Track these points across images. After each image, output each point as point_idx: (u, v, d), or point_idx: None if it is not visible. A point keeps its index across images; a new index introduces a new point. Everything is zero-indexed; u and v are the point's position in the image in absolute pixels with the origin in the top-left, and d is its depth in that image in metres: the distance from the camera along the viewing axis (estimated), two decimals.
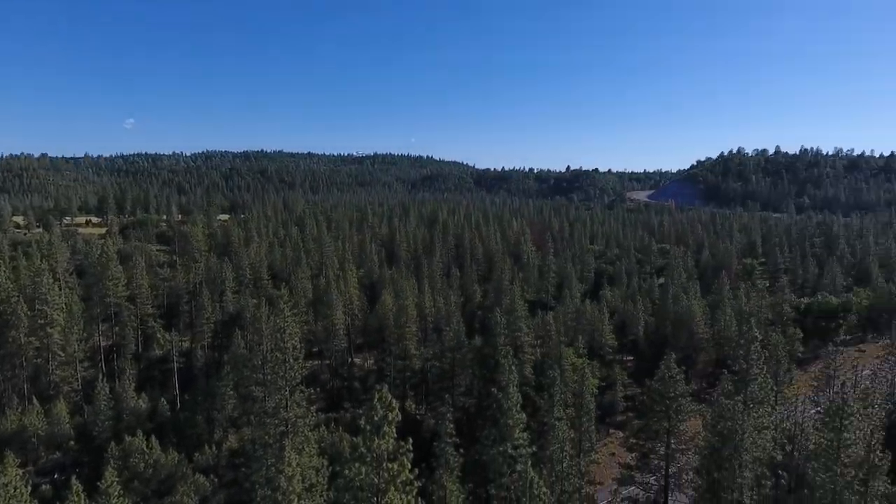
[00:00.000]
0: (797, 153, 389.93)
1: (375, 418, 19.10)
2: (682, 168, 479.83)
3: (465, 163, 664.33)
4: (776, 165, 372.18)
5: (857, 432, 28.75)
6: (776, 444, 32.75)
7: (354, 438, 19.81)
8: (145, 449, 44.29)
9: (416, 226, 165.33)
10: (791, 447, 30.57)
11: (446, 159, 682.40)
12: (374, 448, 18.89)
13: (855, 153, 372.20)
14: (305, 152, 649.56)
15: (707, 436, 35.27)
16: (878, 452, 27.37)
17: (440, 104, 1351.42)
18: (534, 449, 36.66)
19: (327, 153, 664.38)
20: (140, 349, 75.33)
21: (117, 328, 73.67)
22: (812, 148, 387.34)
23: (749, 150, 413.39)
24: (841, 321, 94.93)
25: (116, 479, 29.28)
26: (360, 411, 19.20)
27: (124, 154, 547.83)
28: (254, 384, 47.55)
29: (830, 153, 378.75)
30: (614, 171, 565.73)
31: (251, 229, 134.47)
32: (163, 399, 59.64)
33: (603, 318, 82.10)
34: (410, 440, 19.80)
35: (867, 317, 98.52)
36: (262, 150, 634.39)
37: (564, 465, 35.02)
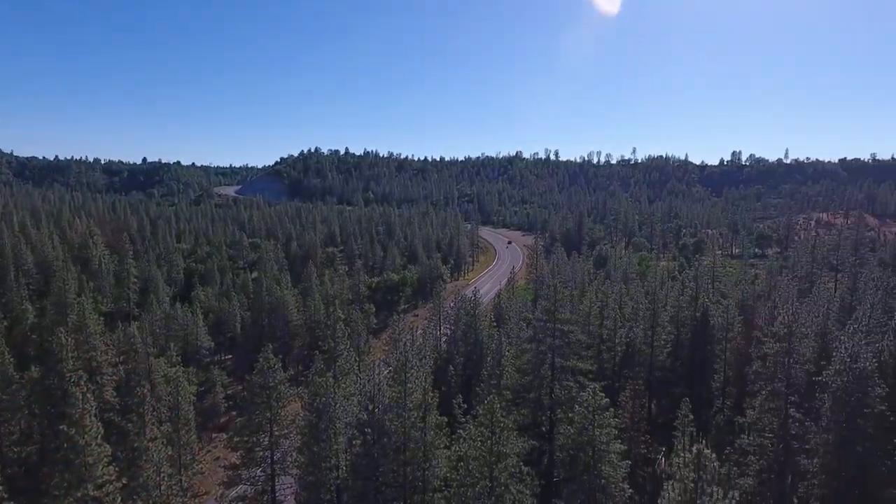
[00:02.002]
0: (362, 154, 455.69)
1: None
2: (267, 164, 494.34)
3: None
4: (347, 164, 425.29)
5: (416, 381, 36.05)
6: (361, 407, 38.05)
7: None
8: None
9: None
10: (372, 406, 35.99)
11: None
12: None
13: (402, 156, 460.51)
14: None
15: (306, 415, 38.09)
16: (430, 393, 35.15)
17: None
18: (124, 481, 32.19)
19: None
20: None
21: None
22: (372, 150, 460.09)
23: (325, 150, 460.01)
24: (401, 293, 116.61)
25: None
26: None
27: None
28: None
29: (385, 155, 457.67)
30: (199, 164, 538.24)
31: None
32: None
33: (197, 320, 77.98)
34: None
35: (418, 287, 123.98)
36: None
37: (163, 487, 31.97)
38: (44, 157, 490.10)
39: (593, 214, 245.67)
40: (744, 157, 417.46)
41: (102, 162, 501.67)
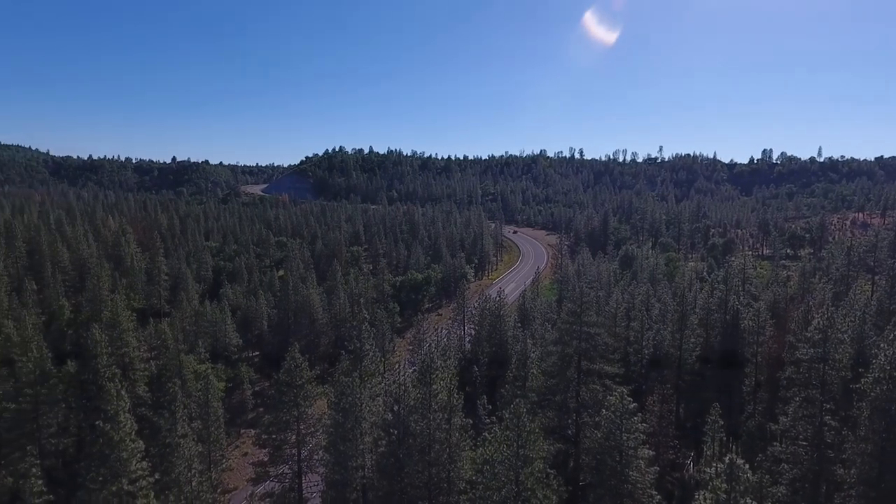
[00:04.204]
0: (386, 153, 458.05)
1: None
2: (292, 163, 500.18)
3: (34, 148, 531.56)
4: (370, 163, 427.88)
5: (441, 382, 36.03)
6: (386, 407, 38.24)
7: None
8: None
9: None
10: (397, 406, 36.11)
11: (4, 142, 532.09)
12: None
13: (425, 155, 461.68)
14: None
15: (332, 414, 38.42)
16: (455, 394, 35.12)
17: None
18: (156, 476, 32.89)
19: None
20: None
21: None
22: (396, 149, 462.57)
23: (349, 149, 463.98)
24: (425, 292, 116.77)
25: None
26: None
27: None
28: None
29: (409, 154, 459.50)
30: (226, 163, 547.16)
31: None
32: None
33: (225, 317, 79.37)
34: None
35: (442, 286, 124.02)
36: None
37: (194, 483, 32.63)
38: (78, 157, 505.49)
39: (619, 214, 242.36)
40: (775, 156, 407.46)
41: (134, 161, 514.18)
